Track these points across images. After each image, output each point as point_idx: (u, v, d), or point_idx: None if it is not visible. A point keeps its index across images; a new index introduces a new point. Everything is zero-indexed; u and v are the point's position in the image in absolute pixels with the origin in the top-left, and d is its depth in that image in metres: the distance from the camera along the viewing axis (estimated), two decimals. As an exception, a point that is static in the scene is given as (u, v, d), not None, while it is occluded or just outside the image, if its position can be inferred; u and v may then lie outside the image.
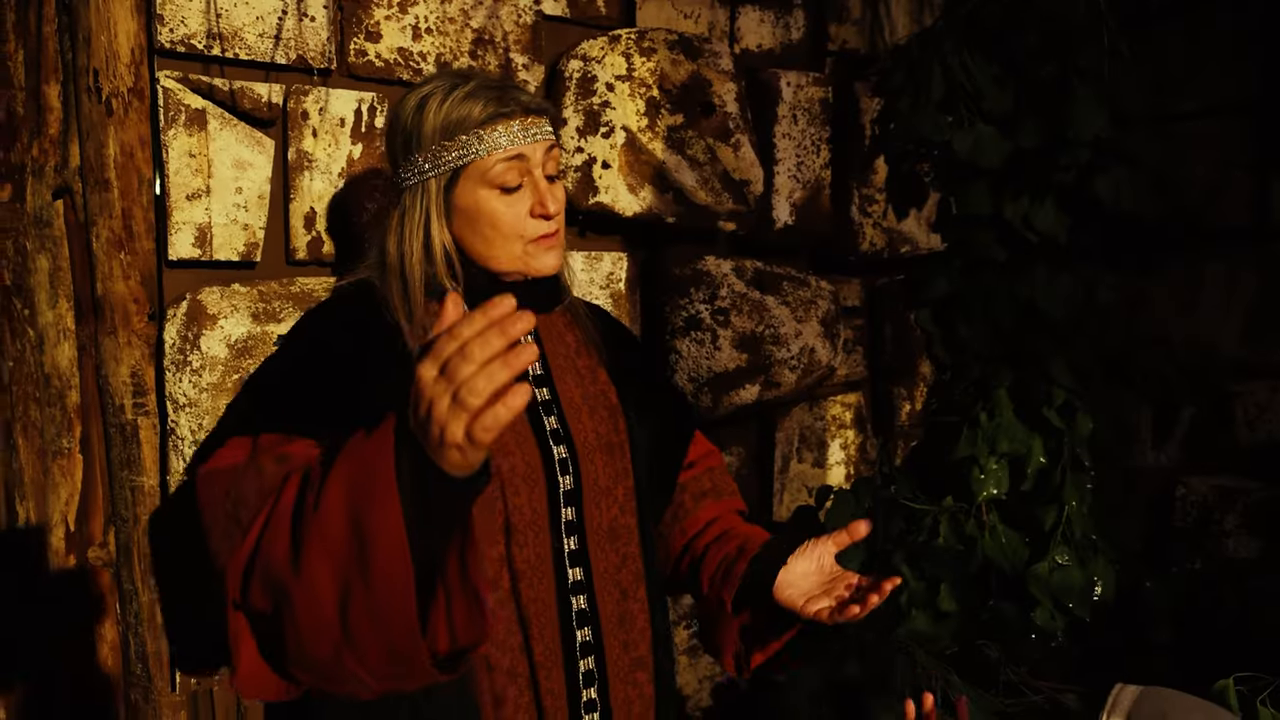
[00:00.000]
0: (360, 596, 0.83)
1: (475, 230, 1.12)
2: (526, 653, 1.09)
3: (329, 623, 0.86)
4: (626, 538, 1.17)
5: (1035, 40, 2.06)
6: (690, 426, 1.35)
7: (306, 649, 0.88)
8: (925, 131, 2.06)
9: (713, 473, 1.34)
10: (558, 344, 1.20)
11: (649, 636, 1.18)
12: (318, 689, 0.95)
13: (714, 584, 1.22)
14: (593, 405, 1.17)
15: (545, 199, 1.12)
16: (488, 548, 1.07)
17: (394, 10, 1.57)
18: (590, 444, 1.15)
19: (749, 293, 1.88)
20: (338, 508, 0.84)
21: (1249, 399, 2.31)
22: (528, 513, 1.09)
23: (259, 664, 0.96)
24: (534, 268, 1.13)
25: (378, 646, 0.85)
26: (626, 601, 1.16)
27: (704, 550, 1.27)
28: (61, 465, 1.60)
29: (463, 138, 1.10)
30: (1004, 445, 2.11)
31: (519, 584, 1.08)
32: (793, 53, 2.10)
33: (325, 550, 0.85)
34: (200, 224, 1.40)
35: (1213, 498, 2.28)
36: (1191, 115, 2.32)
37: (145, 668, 1.54)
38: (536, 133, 1.12)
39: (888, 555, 1.96)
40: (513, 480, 1.08)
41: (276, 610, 0.90)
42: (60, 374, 1.58)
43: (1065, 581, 2.02)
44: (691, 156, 1.78)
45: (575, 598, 1.12)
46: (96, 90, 1.46)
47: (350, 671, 0.87)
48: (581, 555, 1.12)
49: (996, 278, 2.20)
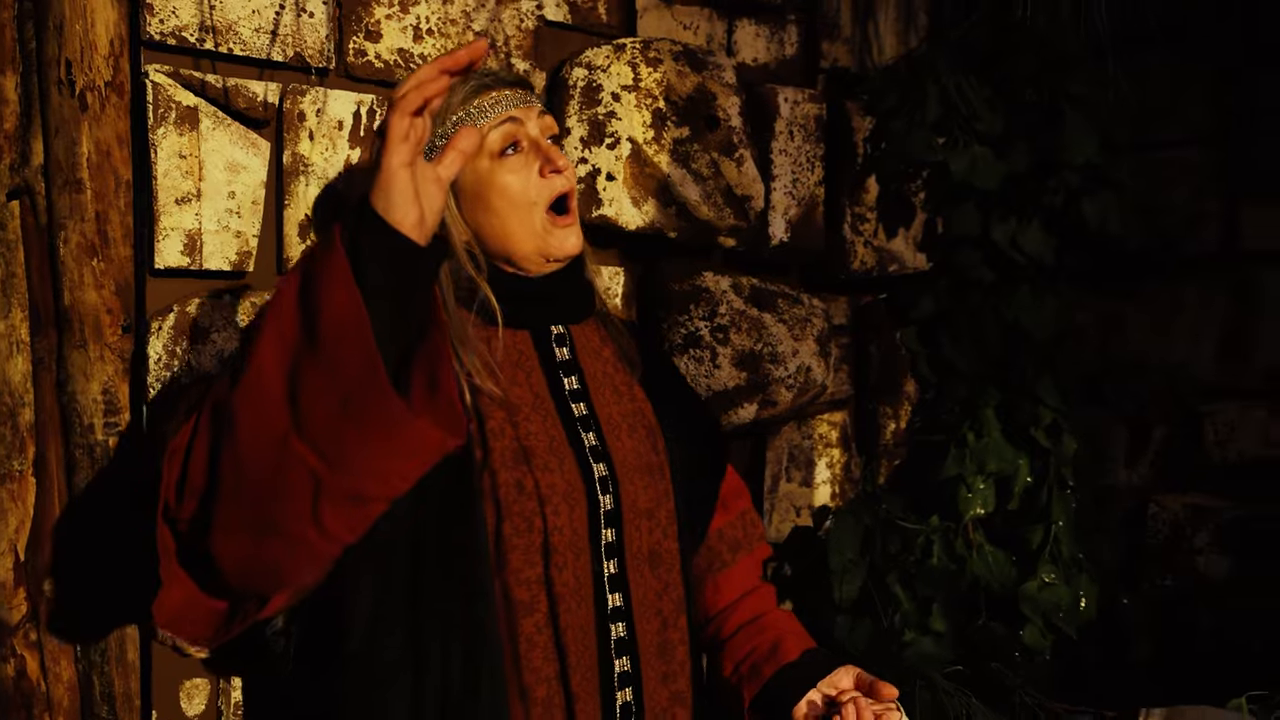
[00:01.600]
0: (309, 360, 0.81)
1: (488, 208, 1.08)
2: (563, 682, 1.03)
3: (275, 404, 0.83)
4: (669, 563, 1.11)
5: (1028, 65, 2.07)
6: (725, 459, 1.30)
7: (248, 463, 0.84)
8: (917, 152, 2.05)
9: (744, 517, 1.30)
10: (594, 358, 1.14)
11: (689, 670, 1.13)
12: (239, 603, 0.93)
13: (738, 672, 1.22)
14: (632, 424, 1.12)
15: (551, 154, 1.09)
16: (525, 568, 1.01)
17: (395, 10, 1.49)
18: (630, 464, 1.09)
19: (748, 310, 1.84)
20: (289, 296, 0.84)
21: (1219, 419, 2.36)
22: (568, 533, 1.03)
23: (187, 585, 0.94)
24: (553, 246, 1.09)
25: (328, 403, 0.81)
26: (667, 631, 1.11)
27: (735, 630, 1.26)
28: (11, 489, 1.47)
29: (452, 118, 1.08)
30: (992, 465, 2.11)
31: (558, 608, 1.02)
32: (787, 68, 2.08)
33: (275, 336, 0.83)
34: (190, 230, 1.30)
35: (1184, 516, 2.32)
36: (1172, 144, 2.38)
37: (112, 708, 1.42)
38: (524, 99, 1.11)
39: (882, 577, 1.93)
40: (552, 499, 1.02)
41: (206, 493, 0.88)
42: (12, 390, 1.45)
43: (1053, 599, 2.02)
44: (696, 170, 1.73)
45: (614, 625, 1.07)
46: (69, 83, 1.35)
47: (295, 458, 0.82)
48: (621, 580, 1.07)
49: (983, 298, 2.21)
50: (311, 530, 0.85)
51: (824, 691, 1.15)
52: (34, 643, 1.47)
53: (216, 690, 1.41)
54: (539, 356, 1.11)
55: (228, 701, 1.41)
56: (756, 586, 1.31)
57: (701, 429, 1.28)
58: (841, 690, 1.14)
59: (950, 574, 2.02)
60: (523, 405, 1.06)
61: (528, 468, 1.03)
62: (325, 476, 0.82)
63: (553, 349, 1.12)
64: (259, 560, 0.89)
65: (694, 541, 1.23)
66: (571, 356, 1.13)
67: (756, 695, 1.18)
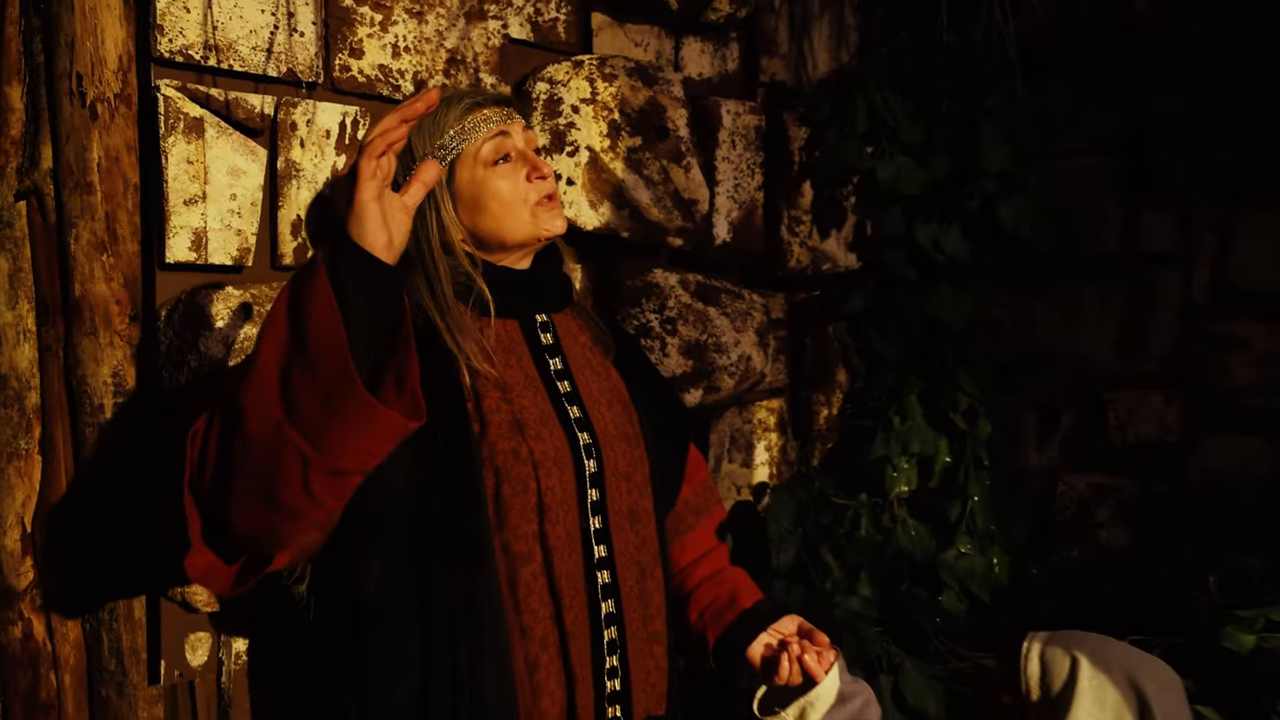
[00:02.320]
0: (298, 362, 0.98)
1: (484, 209, 1.24)
2: (558, 622, 1.19)
3: (271, 399, 1.00)
4: (645, 520, 1.29)
5: (947, 82, 2.28)
6: (689, 433, 1.48)
7: (251, 441, 1.01)
8: (849, 160, 2.25)
9: (704, 485, 1.48)
10: (573, 342, 1.31)
11: (664, 613, 1.30)
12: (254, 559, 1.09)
13: (702, 619, 1.41)
14: (609, 398, 1.30)
15: (537, 163, 1.26)
16: (522, 524, 1.18)
17: (376, 29, 1.64)
18: (610, 432, 1.26)
19: (694, 304, 2.02)
20: (280, 309, 1.01)
21: (1119, 405, 2.57)
22: (559, 493, 1.20)
23: (203, 551, 1.09)
24: (544, 228, 1.26)
25: (312, 397, 0.98)
26: (645, 580, 1.28)
27: (698, 583, 1.44)
28: (18, 466, 1.60)
29: (451, 132, 1.24)
30: (915, 446, 2.32)
31: (551, 558, 1.19)
32: (729, 82, 2.26)
33: (272, 342, 1.00)
34: (196, 229, 1.44)
35: (1088, 493, 2.53)
36: (1075, 153, 2.58)
37: (120, 663, 1.56)
38: (512, 117, 1.27)
39: (815, 547, 2.13)
40: (544, 463, 1.19)
41: (220, 470, 1.04)
42: (19, 375, 1.59)
43: (969, 568, 2.24)
44: (648, 176, 1.91)
45: (600, 572, 1.23)
46: (80, 94, 1.48)
47: (288, 442, 0.99)
48: (605, 534, 1.24)
49: (907, 295, 2.42)
50: (304, 499, 1.02)
51: (773, 634, 1.35)
52: (40, 607, 1.60)
53: (218, 643, 1.56)
54: (527, 342, 1.28)
55: (228, 652, 1.55)
56: (715, 546, 1.50)
57: (668, 406, 1.46)
58: (787, 634, 1.34)
59: (877, 544, 2.23)
60: (515, 384, 1.23)
61: (522, 437, 1.19)
62: (312, 456, 0.99)
63: (539, 335, 1.29)
64: (264, 525, 1.05)
65: (667, 504, 1.41)
66: (554, 341, 1.30)
67: (719, 637, 1.37)
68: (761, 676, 1.34)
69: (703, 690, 1.78)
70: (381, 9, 1.64)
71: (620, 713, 1.25)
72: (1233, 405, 2.42)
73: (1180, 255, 2.50)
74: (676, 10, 2.05)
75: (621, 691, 1.26)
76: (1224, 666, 1.70)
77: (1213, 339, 2.44)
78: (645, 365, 1.50)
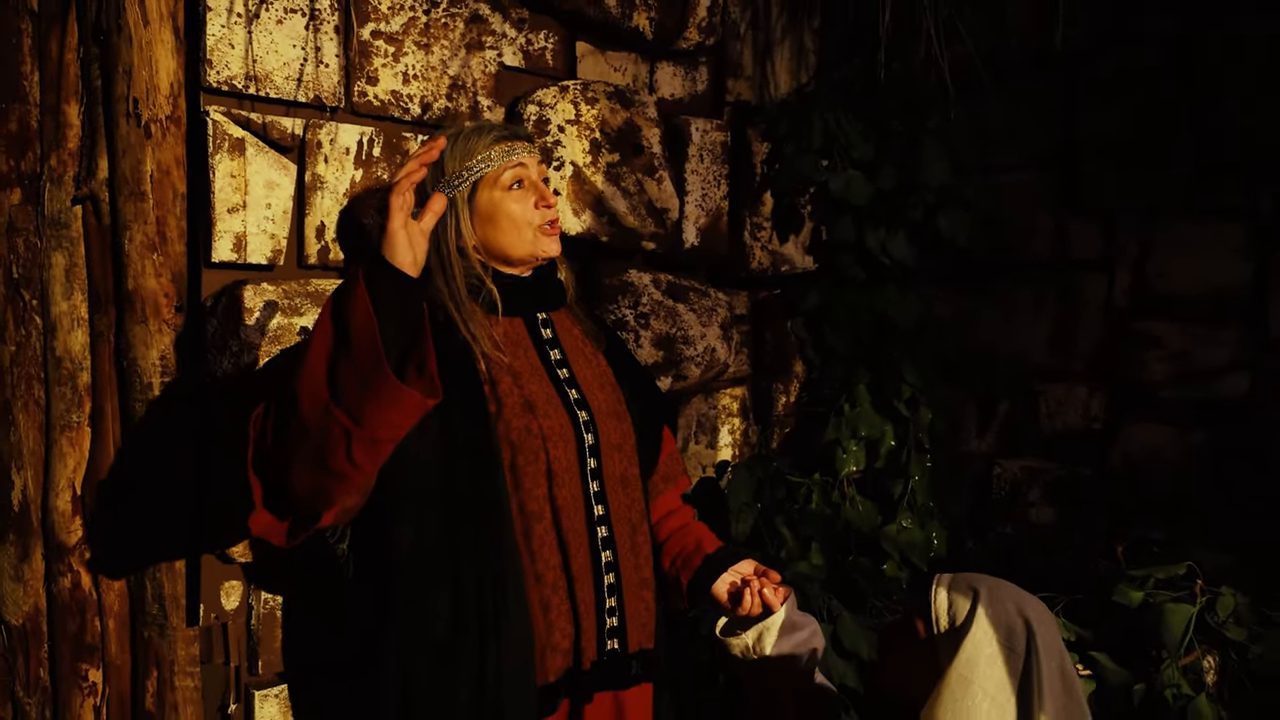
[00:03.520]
0: (343, 356, 1.23)
1: (495, 226, 1.48)
2: (566, 570, 1.44)
3: (320, 385, 1.24)
4: (634, 485, 1.54)
5: (893, 103, 2.55)
6: (663, 418, 1.73)
7: (305, 420, 1.24)
8: (806, 172, 2.51)
9: (673, 457, 1.74)
10: (569, 336, 1.56)
11: (651, 564, 1.56)
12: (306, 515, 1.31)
13: (674, 565, 1.65)
14: (600, 383, 1.55)
15: (545, 194, 1.50)
16: (534, 488, 1.43)
17: (389, 60, 1.88)
18: (603, 410, 1.51)
19: (665, 301, 2.28)
20: (326, 315, 1.25)
21: (1050, 396, 2.80)
22: (564, 462, 1.45)
23: (264, 512, 1.32)
24: (541, 250, 1.50)
25: (354, 383, 1.23)
26: (635, 535, 1.53)
27: (669, 535, 1.68)
28: (70, 437, 1.84)
29: (479, 157, 1.47)
30: (863, 430, 2.59)
31: (560, 516, 1.44)
32: (698, 102, 2.52)
33: (321, 340, 1.25)
34: (238, 233, 1.69)
35: (1021, 476, 2.76)
36: (1011, 167, 2.81)
37: (162, 608, 1.80)
38: (529, 150, 1.51)
39: (771, 519, 2.39)
40: (552, 437, 1.44)
41: (278, 445, 1.28)
42: (72, 357, 1.82)
43: (909, 540, 2.50)
44: (624, 188, 2.17)
45: (599, 527, 1.48)
46: (136, 116, 1.72)
47: (335, 419, 1.23)
48: (602, 496, 1.49)
49: (857, 294, 2.68)
50: (348, 465, 1.26)
51: (734, 573, 1.59)
52: (87, 560, 1.83)
53: (248, 589, 1.80)
54: (530, 336, 1.52)
55: (258, 598, 1.80)
56: (681, 507, 1.75)
57: (647, 391, 1.70)
58: (746, 574, 1.59)
59: (827, 518, 2.49)
60: (524, 371, 1.47)
61: (533, 415, 1.43)
62: (353, 429, 1.24)
63: (540, 330, 1.53)
64: (318, 487, 1.29)
65: (647, 473, 1.65)
66: (554, 335, 1.54)
67: (690, 580, 1.61)
68: (727, 609, 1.58)
69: (679, 631, 2.04)
70: (394, 42, 1.89)
71: (618, 645, 1.49)
72: (1150, 397, 2.65)
73: (1105, 261, 2.72)
74: (652, 39, 2.31)
75: (619, 628, 1.50)
76: (1118, 619, 1.97)
77: (1133, 337, 2.66)
78: (628, 356, 1.74)
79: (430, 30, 1.94)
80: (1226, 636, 1.91)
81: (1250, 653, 1.94)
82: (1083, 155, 2.72)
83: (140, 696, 1.82)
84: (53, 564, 1.83)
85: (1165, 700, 1.79)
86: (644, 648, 1.54)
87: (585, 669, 1.46)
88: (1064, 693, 1.27)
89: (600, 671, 1.48)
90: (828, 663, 1.98)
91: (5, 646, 1.84)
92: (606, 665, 1.48)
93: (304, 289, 1.76)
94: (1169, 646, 1.85)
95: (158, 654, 1.81)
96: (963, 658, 1.28)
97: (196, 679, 1.79)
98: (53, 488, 1.83)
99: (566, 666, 1.46)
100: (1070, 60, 2.67)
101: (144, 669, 1.81)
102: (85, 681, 1.82)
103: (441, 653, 1.37)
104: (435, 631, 1.38)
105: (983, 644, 1.28)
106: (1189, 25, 2.53)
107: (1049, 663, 1.27)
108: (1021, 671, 1.26)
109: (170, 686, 1.79)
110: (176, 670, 1.79)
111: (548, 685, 1.44)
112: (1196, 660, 1.88)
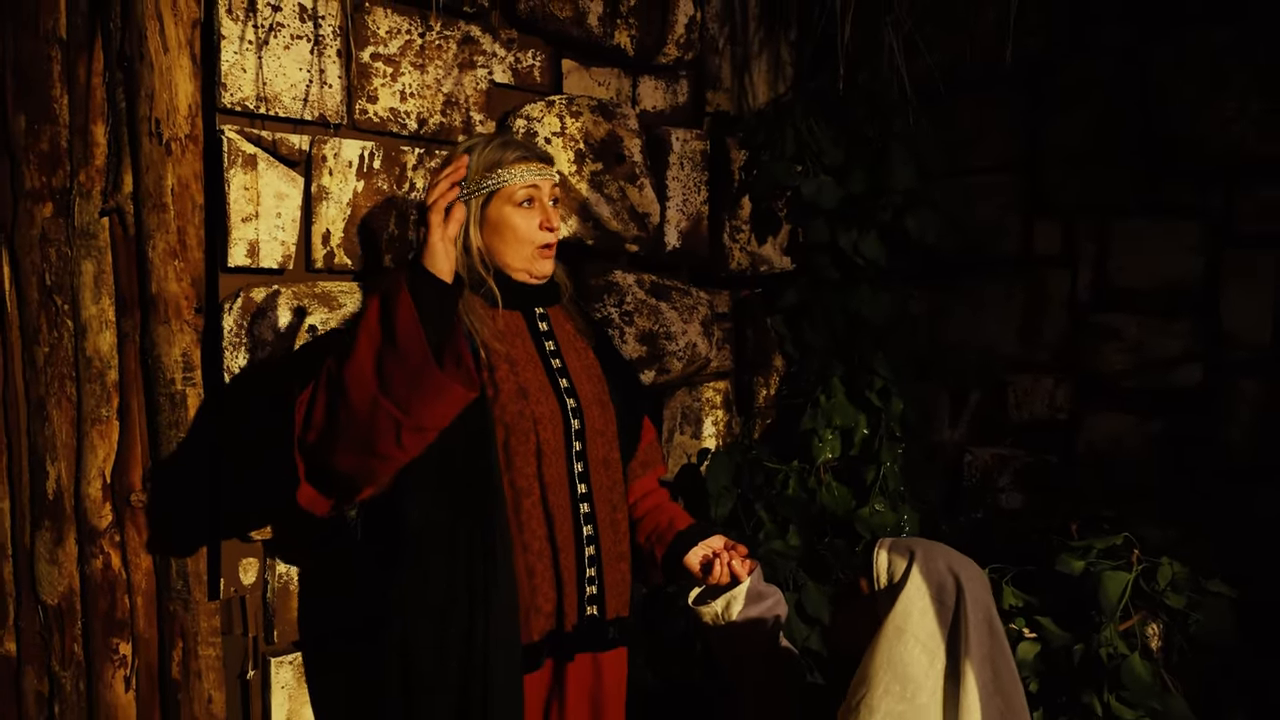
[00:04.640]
0: (389, 353, 1.38)
1: (500, 236, 1.62)
2: (550, 540, 1.60)
3: (368, 379, 1.39)
4: (615, 467, 1.70)
5: (862, 112, 2.71)
6: (644, 409, 1.89)
7: (354, 409, 1.39)
8: (781, 178, 2.67)
9: (652, 445, 1.89)
10: (562, 330, 1.72)
11: (628, 539, 1.72)
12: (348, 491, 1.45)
13: (649, 541, 1.79)
14: (589, 374, 1.70)
15: (550, 217, 1.65)
16: (524, 466, 1.59)
17: (387, 80, 2.05)
18: (590, 399, 1.67)
19: (648, 300, 2.44)
20: (374, 317, 1.40)
21: (1018, 387, 2.92)
22: (552, 443, 1.61)
23: (308, 486, 1.47)
24: (536, 270, 1.66)
25: (402, 378, 1.37)
26: (615, 513, 1.69)
27: (644, 514, 1.83)
28: (100, 429, 2.00)
29: (499, 171, 1.61)
30: (837, 420, 2.74)
31: (547, 493, 1.60)
32: (679, 113, 2.68)
33: (367, 338, 1.39)
34: (251, 240, 1.85)
35: (992, 464, 2.89)
36: (980, 170, 2.94)
37: (186, 583, 1.96)
38: (546, 172, 1.65)
39: (750, 503, 2.55)
40: (542, 420, 1.60)
41: (325, 429, 1.41)
42: (101, 357, 1.99)
43: (881, 523, 2.65)
44: (608, 194, 2.33)
45: (582, 504, 1.64)
46: (158, 135, 1.89)
47: (383, 410, 1.38)
48: (585, 475, 1.65)
49: (833, 293, 2.83)
50: (396, 449, 1.41)
51: (705, 547, 1.74)
52: (117, 543, 1.99)
53: (264, 565, 1.97)
54: (528, 329, 1.67)
55: (273, 572, 1.96)
56: (657, 489, 1.90)
57: (631, 384, 1.86)
58: (716, 548, 1.74)
59: (803, 502, 2.64)
60: (520, 360, 1.62)
61: (526, 401, 1.59)
62: (402, 419, 1.39)
63: (537, 324, 1.68)
64: (365, 467, 1.44)
65: (627, 458, 1.80)
66: (549, 329, 1.69)
67: (664, 554, 1.75)
68: (699, 579, 1.73)
69: (654, 603, 2.20)
70: (392, 63, 2.05)
71: (597, 611, 1.65)
72: (1111, 387, 2.77)
73: (1068, 258, 2.84)
74: (633, 56, 2.47)
75: (598, 595, 1.65)
76: (1062, 587, 2.12)
77: (1094, 330, 2.77)
78: (615, 352, 1.89)
79: (425, 52, 2.11)
80: (1167, 604, 2.05)
81: (1190, 620, 2.08)
82: (1045, 159, 2.83)
83: (167, 666, 1.98)
84: (85, 547, 1.99)
85: (1101, 659, 1.94)
86: (620, 615, 1.69)
87: (567, 631, 1.62)
88: (990, 641, 1.43)
89: (580, 634, 1.63)
90: (792, 628, 2.14)
91: (42, 625, 2.01)
92: (586, 628, 1.64)
93: (311, 290, 1.92)
94: (1106, 610, 2.00)
95: (182, 626, 1.98)
96: (898, 610, 1.44)
97: (218, 649, 1.95)
98: (84, 477, 1.99)
99: (550, 629, 1.61)
100: (1032, 70, 2.79)
101: (170, 641, 1.98)
102: (116, 654, 1.99)
103: (439, 615, 1.53)
104: (433, 596, 1.53)
105: (916, 598, 1.44)
106: (1143, 36, 2.66)
107: (976, 615, 1.43)
108: (951, 622, 1.42)
109: (194, 656, 1.96)
110: (200, 641, 1.96)
111: (532, 644, 1.59)
112: (1137, 625, 2.03)
